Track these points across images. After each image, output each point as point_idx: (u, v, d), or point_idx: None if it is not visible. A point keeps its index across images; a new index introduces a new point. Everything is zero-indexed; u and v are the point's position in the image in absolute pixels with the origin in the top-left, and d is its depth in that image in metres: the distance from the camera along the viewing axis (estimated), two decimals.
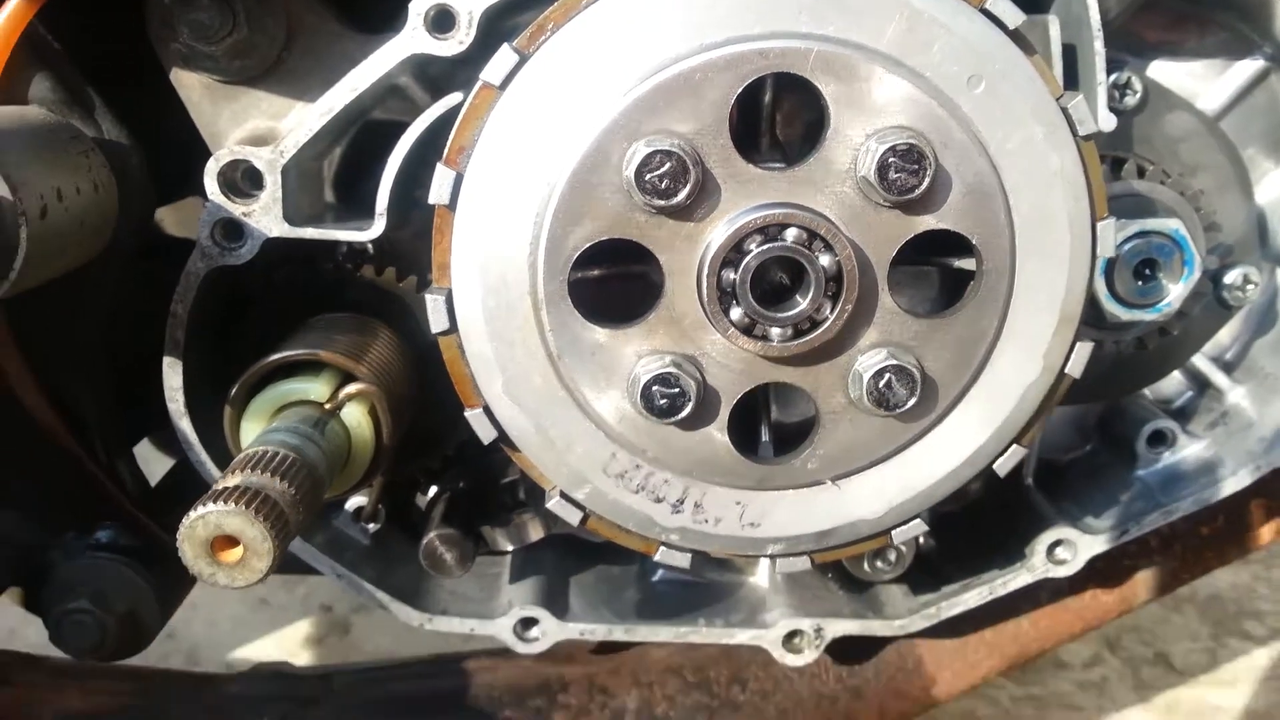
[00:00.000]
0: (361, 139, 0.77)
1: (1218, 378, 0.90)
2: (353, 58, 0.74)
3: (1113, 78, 0.81)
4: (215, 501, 0.55)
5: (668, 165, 0.58)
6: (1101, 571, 0.96)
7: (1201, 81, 0.86)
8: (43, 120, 0.71)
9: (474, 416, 0.65)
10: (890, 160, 0.59)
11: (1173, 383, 0.95)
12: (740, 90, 0.59)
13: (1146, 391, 0.94)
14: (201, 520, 0.55)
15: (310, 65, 0.77)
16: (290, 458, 0.60)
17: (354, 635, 1.72)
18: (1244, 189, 0.84)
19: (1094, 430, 0.95)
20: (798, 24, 0.60)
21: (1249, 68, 0.87)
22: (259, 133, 0.77)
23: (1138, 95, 0.82)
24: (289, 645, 1.62)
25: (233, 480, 0.57)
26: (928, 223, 0.61)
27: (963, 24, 0.61)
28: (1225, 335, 0.93)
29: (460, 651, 0.91)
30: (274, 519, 0.56)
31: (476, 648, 1.02)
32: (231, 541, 0.56)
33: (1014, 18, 0.61)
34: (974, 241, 0.61)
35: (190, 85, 0.77)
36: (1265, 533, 1.00)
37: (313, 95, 0.77)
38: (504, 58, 0.61)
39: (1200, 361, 0.90)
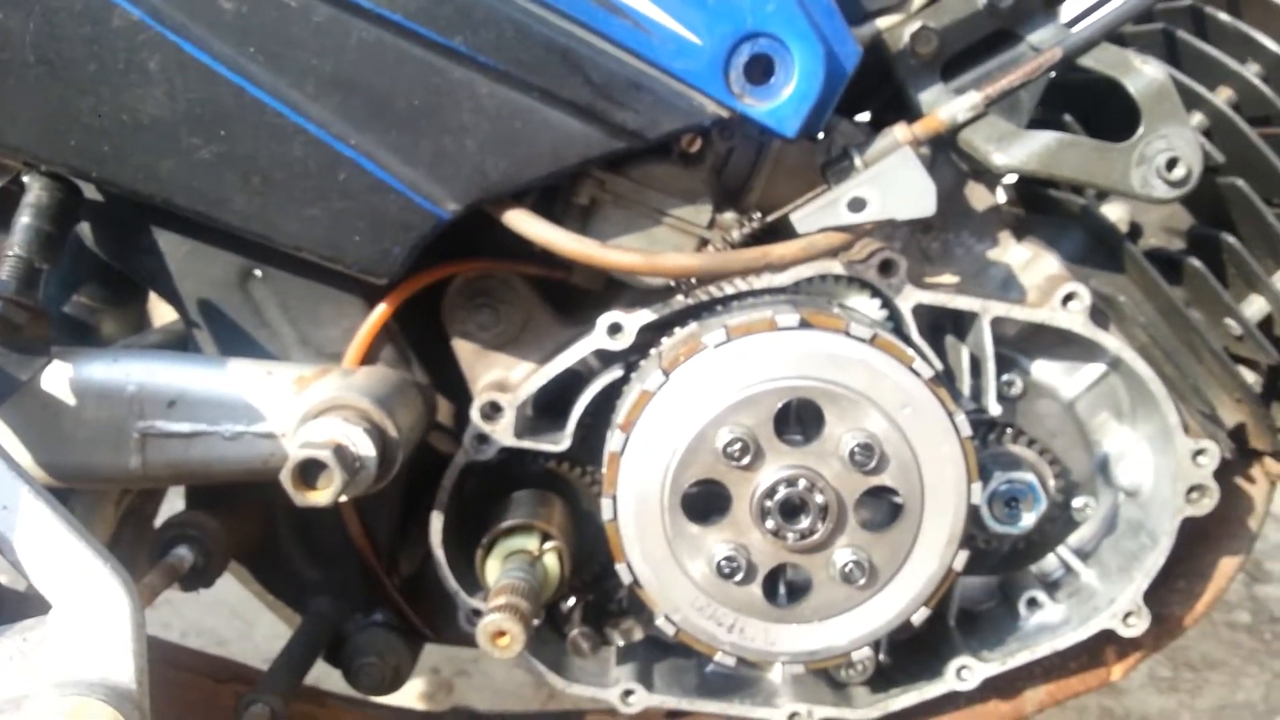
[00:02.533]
0: None
1: (1075, 563, 1.30)
2: (559, 339, 1.21)
3: (1003, 378, 1.23)
4: (497, 612, 1.03)
5: (739, 444, 1.07)
6: (1000, 688, 1.31)
7: (1064, 376, 1.27)
8: (398, 377, 1.11)
9: (621, 568, 1.11)
10: (855, 449, 1.06)
11: (1052, 563, 1.34)
12: (780, 405, 1.10)
13: (1033, 568, 1.35)
14: (491, 622, 1.01)
15: (534, 341, 1.22)
16: (526, 587, 1.09)
17: (456, 693, 2.18)
18: (1086, 446, 1.27)
19: (996, 591, 1.36)
20: (814, 372, 1.07)
21: (1096, 369, 1.27)
22: (498, 379, 1.22)
23: (1019, 388, 1.25)
24: (408, 698, 1.99)
25: (502, 600, 1.04)
26: (876, 480, 1.08)
27: (899, 375, 1.07)
28: (1087, 532, 1.32)
29: (582, 709, 1.37)
30: (524, 622, 1.02)
31: (567, 706, 1.47)
32: (502, 633, 1.02)
33: (927, 373, 1.09)
34: (900, 492, 1.08)
35: (463, 349, 1.21)
36: (1117, 670, 1.37)
37: (533, 358, 1.21)
38: (656, 376, 1.09)
39: (1064, 551, 1.31)
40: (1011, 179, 1.31)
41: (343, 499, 0.99)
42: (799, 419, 1.13)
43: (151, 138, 1.00)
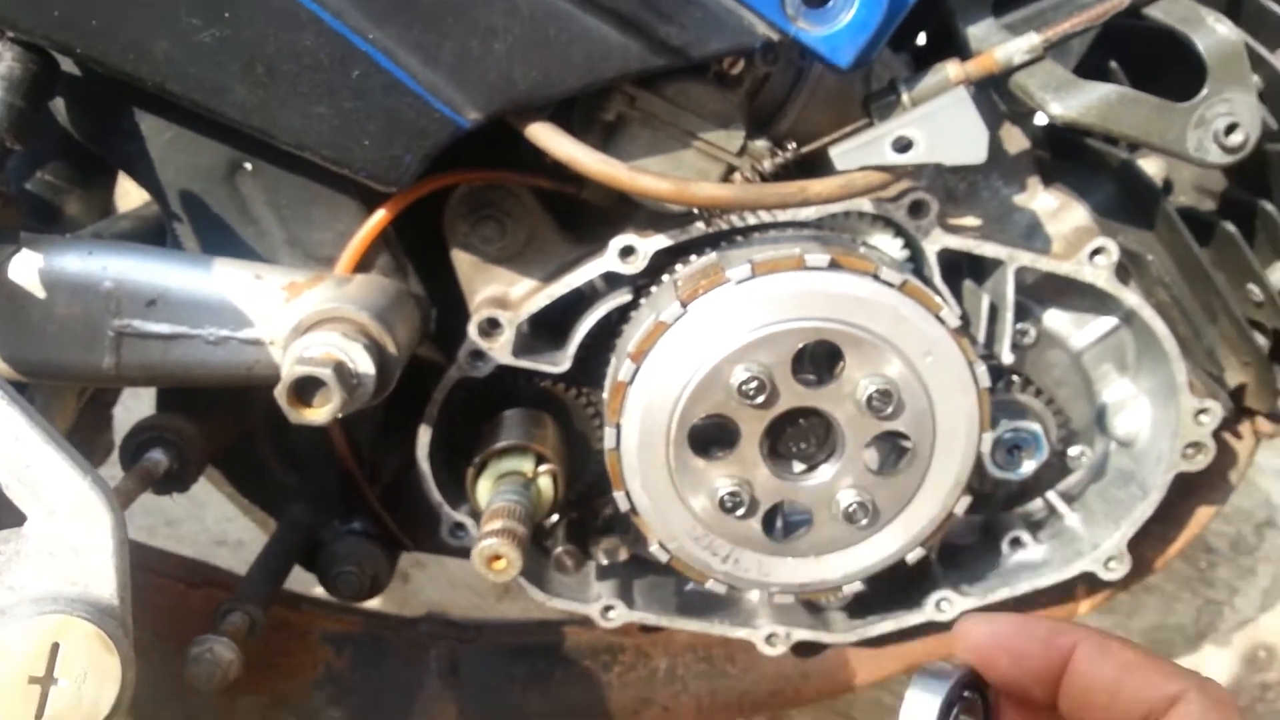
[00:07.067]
0: None
1: (1061, 506, 1.31)
2: (564, 258, 1.15)
3: (1017, 326, 1.20)
4: (492, 537, 1.00)
5: (755, 382, 1.04)
6: None
7: (1075, 327, 1.26)
8: (395, 288, 1.05)
9: (619, 496, 1.08)
10: (873, 395, 1.04)
11: (1036, 504, 1.34)
12: (800, 345, 1.06)
13: (1017, 509, 1.38)
14: (488, 547, 0.99)
15: (537, 258, 1.15)
16: (522, 510, 1.06)
17: (412, 584, 2.16)
18: (1089, 397, 1.27)
19: (980, 529, 1.37)
20: (839, 314, 1.03)
21: (1108, 322, 1.25)
22: (497, 294, 1.16)
23: (1032, 337, 1.23)
24: None
25: (498, 524, 1.01)
26: (889, 426, 1.05)
27: (924, 322, 1.04)
28: (1074, 477, 1.32)
29: (558, 619, 1.34)
30: (520, 547, 1.00)
31: (536, 616, 1.45)
32: (498, 558, 1.01)
33: (953, 322, 1.06)
34: (911, 438, 1.06)
35: (462, 261, 1.15)
36: (1085, 605, 1.41)
37: (536, 275, 1.15)
38: (673, 308, 1.04)
39: (1052, 495, 1.31)
40: (1042, 122, 1.24)
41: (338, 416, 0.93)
42: (812, 358, 1.09)
43: (146, 14, 0.89)
